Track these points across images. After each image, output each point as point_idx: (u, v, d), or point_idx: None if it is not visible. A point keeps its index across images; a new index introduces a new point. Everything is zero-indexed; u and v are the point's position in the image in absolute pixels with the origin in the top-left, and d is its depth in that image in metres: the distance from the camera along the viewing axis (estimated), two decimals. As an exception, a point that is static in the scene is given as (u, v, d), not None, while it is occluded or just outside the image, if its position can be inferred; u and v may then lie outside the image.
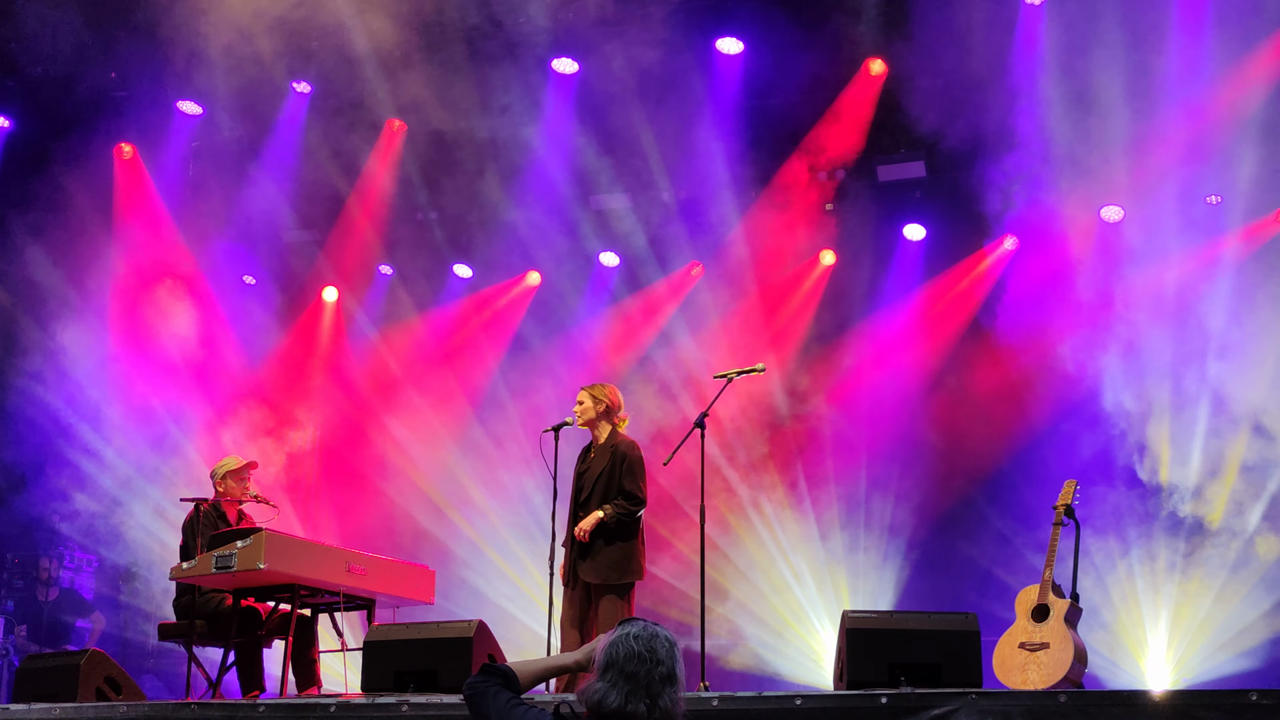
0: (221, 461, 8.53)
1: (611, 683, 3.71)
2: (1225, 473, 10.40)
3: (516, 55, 11.58)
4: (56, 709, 6.92)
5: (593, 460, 7.74)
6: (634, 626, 3.80)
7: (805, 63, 11.29)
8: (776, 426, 12.07)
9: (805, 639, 11.76)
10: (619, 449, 7.68)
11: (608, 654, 3.76)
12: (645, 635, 3.77)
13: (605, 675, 3.73)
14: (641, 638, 3.76)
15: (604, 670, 3.74)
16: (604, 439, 7.76)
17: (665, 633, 3.81)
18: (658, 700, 3.71)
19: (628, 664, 3.73)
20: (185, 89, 11.99)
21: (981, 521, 11.30)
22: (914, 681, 6.11)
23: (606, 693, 3.70)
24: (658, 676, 3.72)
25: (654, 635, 3.78)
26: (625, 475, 7.60)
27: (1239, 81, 10.18)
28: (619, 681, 3.71)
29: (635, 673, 3.71)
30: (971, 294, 11.86)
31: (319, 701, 6.53)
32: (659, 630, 3.81)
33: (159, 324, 12.74)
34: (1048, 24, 10.59)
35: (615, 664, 3.73)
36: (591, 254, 12.89)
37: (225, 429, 12.85)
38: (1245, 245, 10.69)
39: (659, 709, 3.72)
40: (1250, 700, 5.28)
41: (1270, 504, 10.27)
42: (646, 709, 3.69)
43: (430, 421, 13.07)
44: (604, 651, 3.77)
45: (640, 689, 3.70)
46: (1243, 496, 10.35)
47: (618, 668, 3.73)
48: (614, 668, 3.73)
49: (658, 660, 3.74)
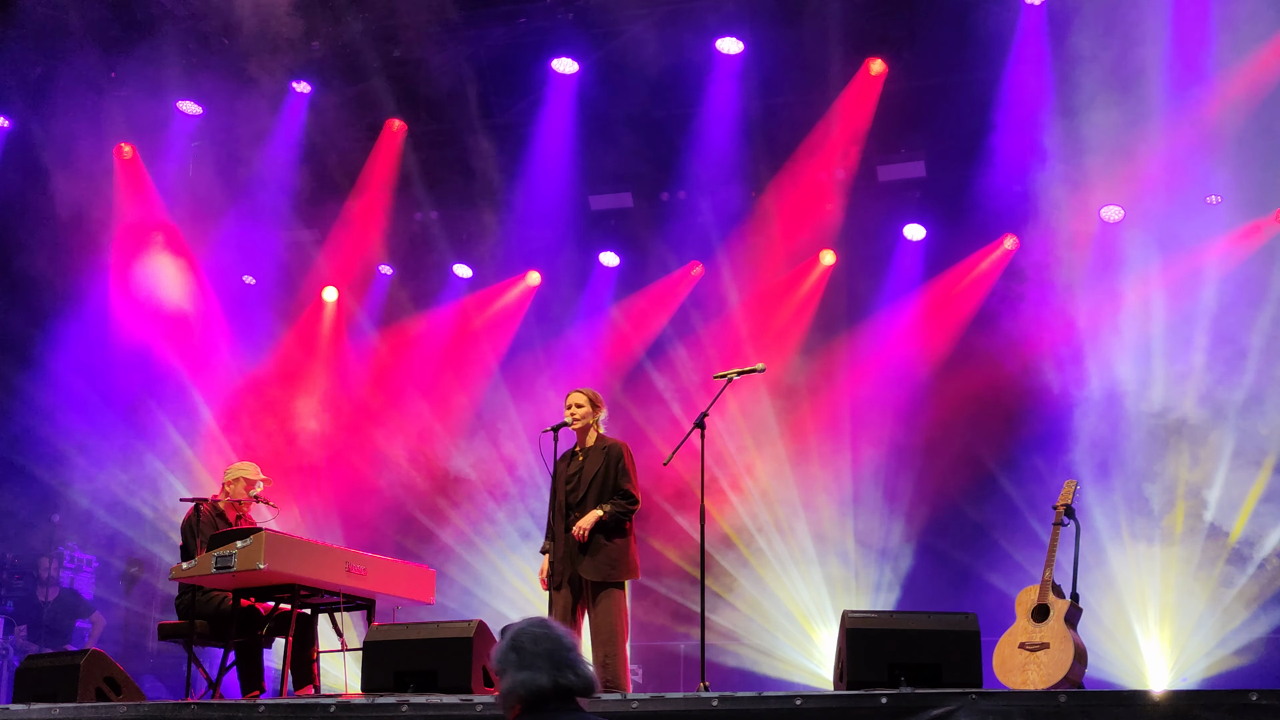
0: (240, 464, 8.52)
1: (532, 667, 3.69)
2: (1226, 472, 10.41)
3: (518, 55, 11.58)
4: (56, 709, 6.91)
5: (585, 462, 7.73)
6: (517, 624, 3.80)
7: (805, 63, 11.29)
8: (777, 426, 12.07)
9: (805, 639, 11.76)
10: (612, 450, 7.71)
11: (514, 648, 3.72)
12: (535, 620, 3.79)
13: (523, 666, 3.70)
14: (533, 622, 3.78)
15: (519, 662, 3.71)
16: (592, 440, 7.78)
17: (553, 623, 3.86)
18: (577, 670, 3.72)
19: (537, 645, 3.71)
20: (185, 89, 11.99)
21: (981, 521, 11.30)
22: (914, 681, 6.10)
23: (534, 677, 3.68)
24: (566, 646, 3.73)
25: (545, 622, 3.79)
26: (620, 475, 7.64)
27: (1239, 81, 10.18)
28: (538, 663, 3.69)
29: (549, 650, 3.71)
30: (971, 294, 11.86)
31: (319, 701, 6.53)
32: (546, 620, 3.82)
33: (159, 323, 12.74)
34: (1048, 24, 10.59)
35: (524, 649, 3.72)
36: (591, 254, 12.89)
37: (225, 429, 12.85)
38: (1245, 245, 10.69)
39: (583, 676, 3.72)
40: (1250, 700, 5.27)
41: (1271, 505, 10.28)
42: (575, 678, 3.70)
43: (430, 421, 13.07)
44: (508, 648, 3.74)
45: (561, 663, 3.70)
46: (1244, 496, 10.35)
47: (530, 652, 3.71)
48: (526, 653, 3.71)
49: (557, 635, 3.75)
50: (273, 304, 13.30)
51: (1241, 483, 10.32)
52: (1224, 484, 10.43)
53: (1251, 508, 10.32)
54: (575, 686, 3.70)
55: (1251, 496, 10.35)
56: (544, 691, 3.68)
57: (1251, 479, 10.31)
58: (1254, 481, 10.30)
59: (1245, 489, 10.33)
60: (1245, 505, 10.34)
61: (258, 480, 8.38)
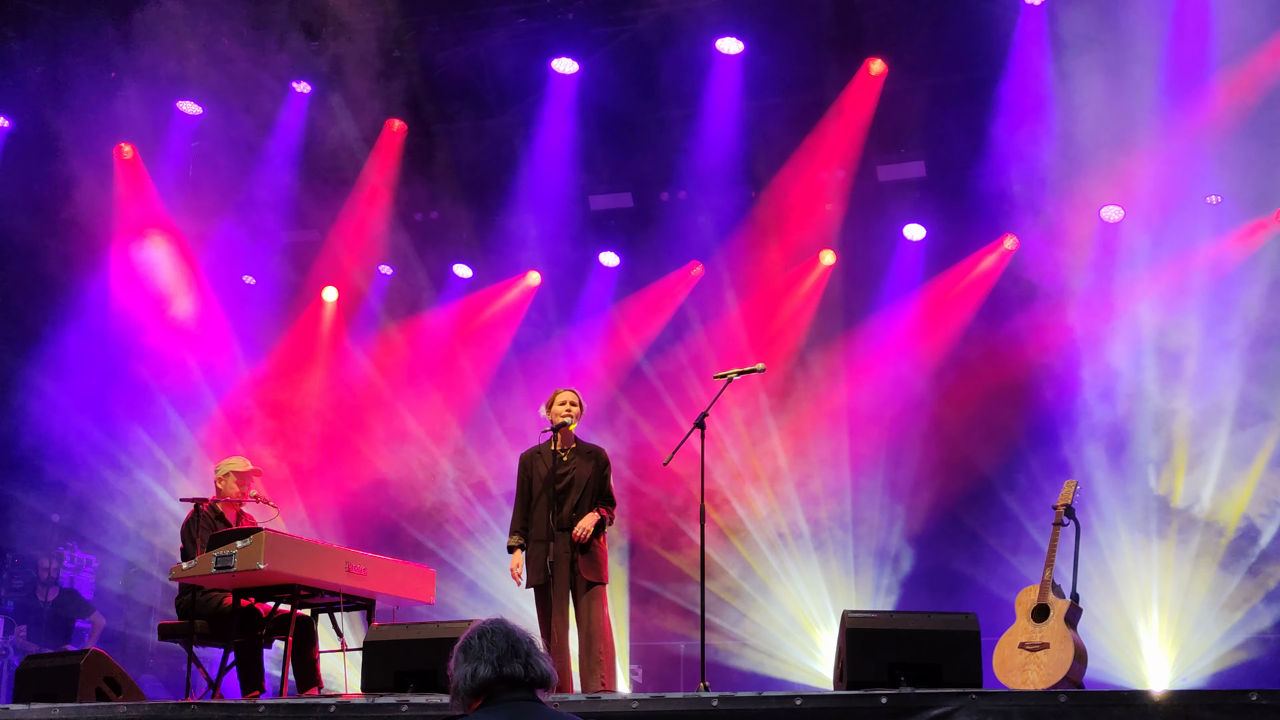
0: (227, 460, 8.52)
1: (476, 659, 3.69)
2: (1226, 471, 10.40)
3: (518, 55, 11.58)
4: (56, 709, 6.91)
5: (574, 464, 7.77)
6: (472, 625, 3.80)
7: (805, 63, 11.29)
8: (776, 426, 12.07)
9: (805, 639, 11.76)
10: (600, 456, 7.89)
11: (463, 647, 3.73)
12: (490, 620, 3.79)
13: (466, 660, 3.71)
14: (487, 622, 3.78)
15: (464, 658, 3.71)
16: (574, 443, 7.85)
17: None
18: (529, 661, 3.71)
19: (484, 639, 3.72)
20: (185, 89, 11.99)
21: (981, 521, 11.30)
22: (914, 681, 6.10)
23: (477, 668, 3.68)
24: (520, 638, 3.73)
25: (498, 618, 3.79)
26: (606, 481, 7.83)
27: (1239, 81, 10.18)
28: (483, 654, 3.69)
29: (494, 642, 3.71)
30: (971, 294, 11.86)
31: (319, 701, 6.53)
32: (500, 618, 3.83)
33: (159, 323, 12.74)
34: (1048, 24, 10.59)
35: (472, 646, 3.72)
36: (591, 254, 12.89)
37: (225, 429, 12.85)
38: (1245, 245, 10.69)
39: (534, 668, 3.71)
40: (1250, 700, 5.27)
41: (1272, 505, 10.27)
42: (523, 669, 3.68)
43: (430, 421, 13.07)
44: (458, 649, 3.74)
45: (508, 653, 3.69)
46: (1243, 494, 10.35)
47: (475, 648, 3.71)
48: (471, 649, 3.72)
49: (510, 630, 3.75)
50: (273, 304, 13.29)
51: (1240, 481, 10.32)
52: (1224, 483, 10.43)
53: (1250, 506, 10.31)
54: (522, 677, 3.68)
55: (1248, 495, 10.34)
56: (487, 681, 3.67)
57: (1251, 477, 10.31)
58: (1253, 480, 10.30)
59: (1244, 487, 10.32)
60: (1243, 503, 10.33)
61: (249, 472, 8.37)
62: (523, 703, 3.68)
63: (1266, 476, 10.30)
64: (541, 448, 7.91)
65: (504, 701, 3.67)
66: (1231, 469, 10.44)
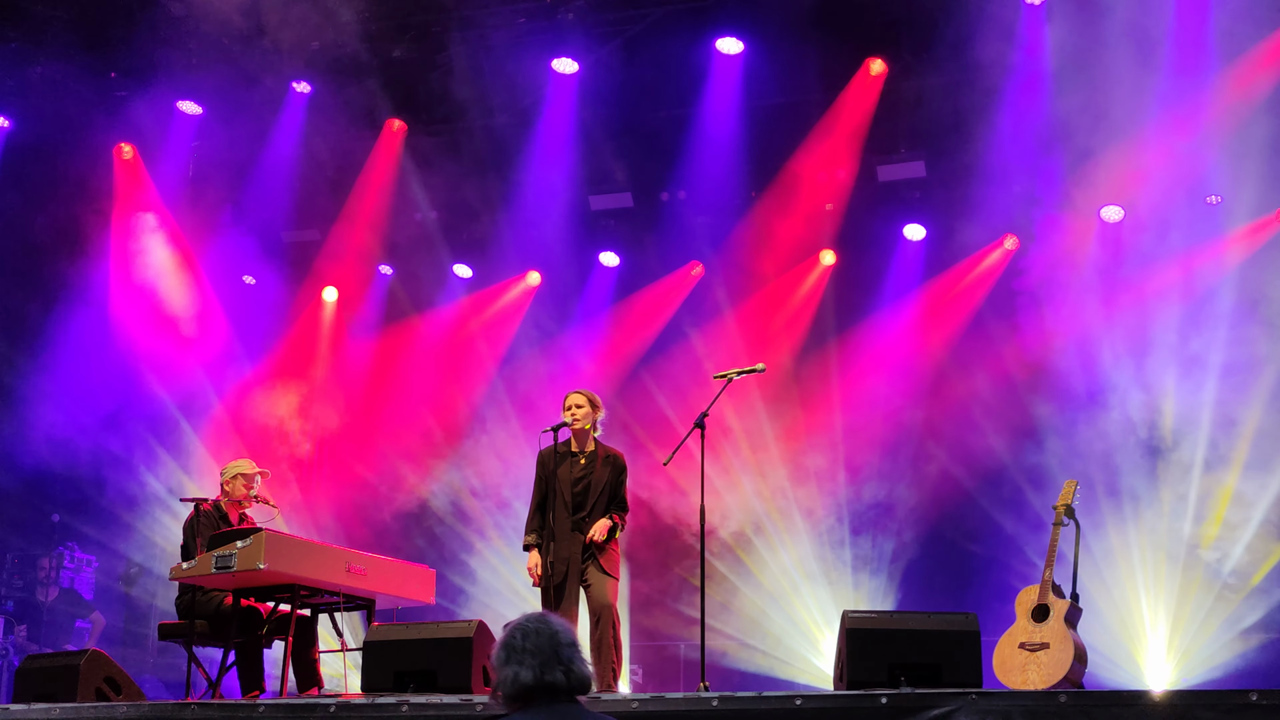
0: (235, 462, 8.52)
1: (519, 662, 3.67)
2: (1226, 471, 10.40)
3: (518, 55, 11.58)
4: (56, 709, 6.91)
5: (591, 468, 7.74)
6: (517, 619, 3.77)
7: (805, 63, 11.29)
8: (776, 426, 12.07)
9: (805, 640, 11.75)
10: (617, 462, 7.83)
11: (506, 645, 3.70)
12: (534, 616, 3.76)
13: (509, 661, 3.69)
14: (530, 619, 3.75)
15: (506, 658, 3.69)
16: (592, 446, 7.80)
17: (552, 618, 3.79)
18: (571, 667, 3.68)
19: (527, 640, 3.68)
20: (185, 89, 11.99)
21: (981, 521, 11.30)
22: (914, 681, 6.10)
23: (518, 672, 3.66)
24: (562, 642, 3.70)
25: (543, 618, 3.75)
26: (620, 486, 7.80)
27: (1240, 81, 10.18)
28: (525, 658, 3.67)
29: (538, 646, 3.68)
30: (971, 294, 11.86)
31: (319, 701, 6.53)
32: (544, 615, 3.79)
33: (159, 324, 12.74)
34: (1048, 24, 10.59)
35: (515, 646, 3.69)
36: (591, 254, 12.89)
37: (225, 429, 12.85)
38: (1245, 245, 10.69)
39: (575, 675, 3.69)
40: (1250, 700, 5.27)
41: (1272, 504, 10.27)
42: (564, 676, 3.66)
43: (430, 421, 13.07)
44: (501, 646, 3.71)
45: (550, 659, 3.67)
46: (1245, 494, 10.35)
47: (519, 648, 3.69)
48: (515, 649, 3.69)
49: (554, 630, 3.71)
50: (273, 304, 13.29)
51: (1242, 480, 10.31)
52: (1224, 482, 10.42)
53: (1247, 505, 10.30)
54: (561, 684, 3.66)
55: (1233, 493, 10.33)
56: (528, 687, 3.66)
57: (1252, 477, 10.30)
58: (1259, 480, 10.29)
59: (1246, 487, 10.32)
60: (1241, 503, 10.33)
61: (255, 474, 8.38)
62: (564, 705, 3.68)
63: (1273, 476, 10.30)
64: (560, 447, 7.85)
65: (544, 704, 3.66)
66: (1233, 468, 10.43)
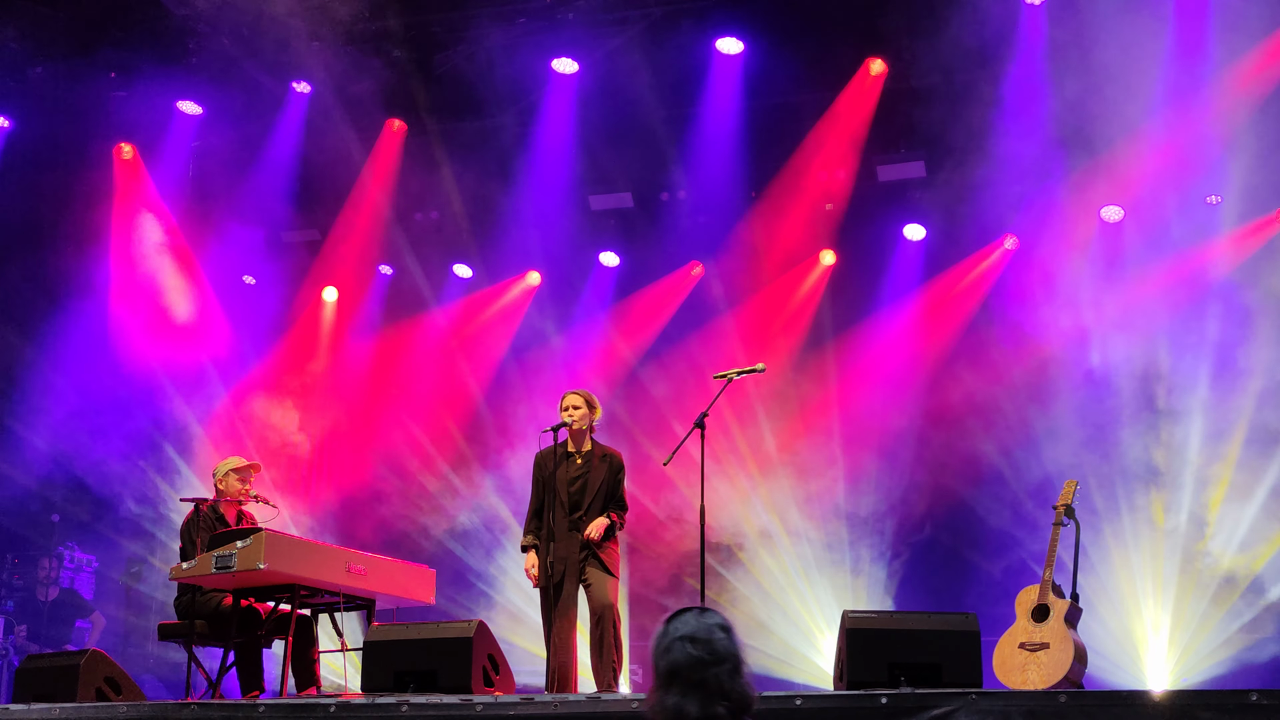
0: (225, 460, 8.53)
1: (682, 693, 3.48)
2: (1228, 471, 10.40)
3: (518, 55, 11.58)
4: (56, 709, 6.91)
5: (588, 468, 7.75)
6: (685, 626, 3.54)
7: (804, 63, 11.29)
8: (776, 426, 12.07)
9: (805, 640, 11.75)
10: (615, 461, 7.86)
11: (668, 662, 3.50)
12: (701, 636, 3.51)
13: (672, 687, 3.49)
14: (698, 640, 3.51)
15: (668, 682, 3.50)
16: (589, 445, 7.83)
17: (717, 620, 3.57)
18: (732, 696, 3.50)
19: (692, 672, 3.48)
20: (185, 89, 11.99)
21: (981, 521, 11.30)
22: (914, 681, 6.10)
23: (681, 705, 3.47)
24: (726, 674, 3.49)
25: (710, 634, 3.52)
26: (618, 485, 7.82)
27: (1239, 81, 10.18)
28: (689, 691, 3.47)
29: (703, 679, 3.48)
30: (971, 294, 11.86)
31: (319, 701, 6.53)
32: (711, 623, 3.55)
33: (158, 324, 12.74)
34: (1048, 24, 10.59)
35: (679, 674, 3.49)
36: (591, 254, 12.89)
37: (225, 429, 12.85)
38: (1245, 245, 10.69)
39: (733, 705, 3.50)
40: (1250, 700, 5.27)
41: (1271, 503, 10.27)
42: (727, 710, 3.49)
43: (430, 421, 13.07)
44: (662, 658, 3.52)
45: (713, 693, 3.48)
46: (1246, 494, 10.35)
47: (682, 678, 3.49)
48: (678, 678, 3.49)
49: (720, 659, 3.50)
50: (273, 304, 13.30)
51: (1243, 481, 10.31)
52: (1225, 482, 10.42)
53: (1246, 505, 10.30)
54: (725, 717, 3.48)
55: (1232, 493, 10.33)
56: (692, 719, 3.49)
57: (1254, 477, 10.30)
58: (1257, 480, 10.29)
59: (1247, 487, 10.32)
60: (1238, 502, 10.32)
61: (247, 467, 8.37)
62: None
63: (1273, 476, 10.29)
64: (557, 448, 7.87)
65: None
66: (1234, 468, 10.42)
